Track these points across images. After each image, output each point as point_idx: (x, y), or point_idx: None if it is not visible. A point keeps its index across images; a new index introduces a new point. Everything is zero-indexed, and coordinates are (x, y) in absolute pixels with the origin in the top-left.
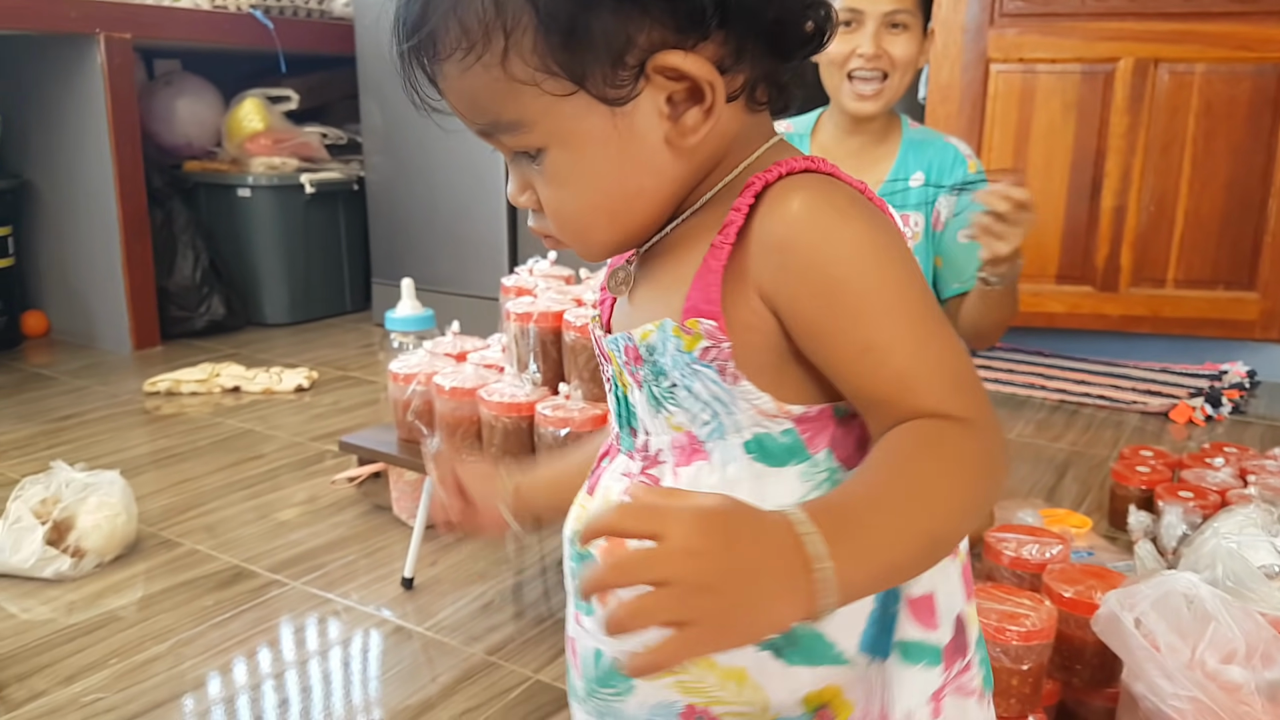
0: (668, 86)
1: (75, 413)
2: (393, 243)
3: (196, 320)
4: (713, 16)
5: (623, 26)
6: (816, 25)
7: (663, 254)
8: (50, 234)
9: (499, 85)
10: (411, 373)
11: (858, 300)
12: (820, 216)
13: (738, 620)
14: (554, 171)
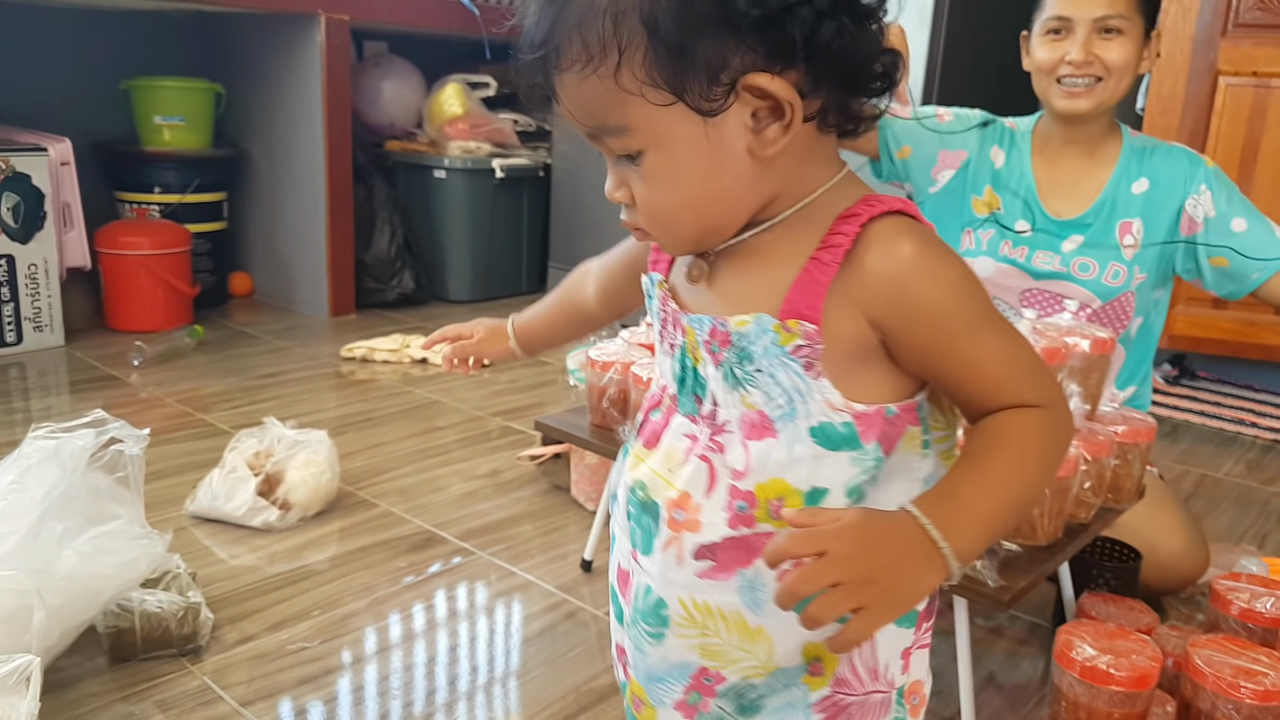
0: (754, 103)
1: (277, 371)
2: (572, 228)
3: (388, 292)
4: (800, 50)
5: (720, 50)
6: (885, 70)
7: (745, 256)
8: (261, 201)
9: (610, 94)
10: (609, 361)
11: (960, 326)
12: (928, 261)
13: (895, 597)
14: (650, 170)
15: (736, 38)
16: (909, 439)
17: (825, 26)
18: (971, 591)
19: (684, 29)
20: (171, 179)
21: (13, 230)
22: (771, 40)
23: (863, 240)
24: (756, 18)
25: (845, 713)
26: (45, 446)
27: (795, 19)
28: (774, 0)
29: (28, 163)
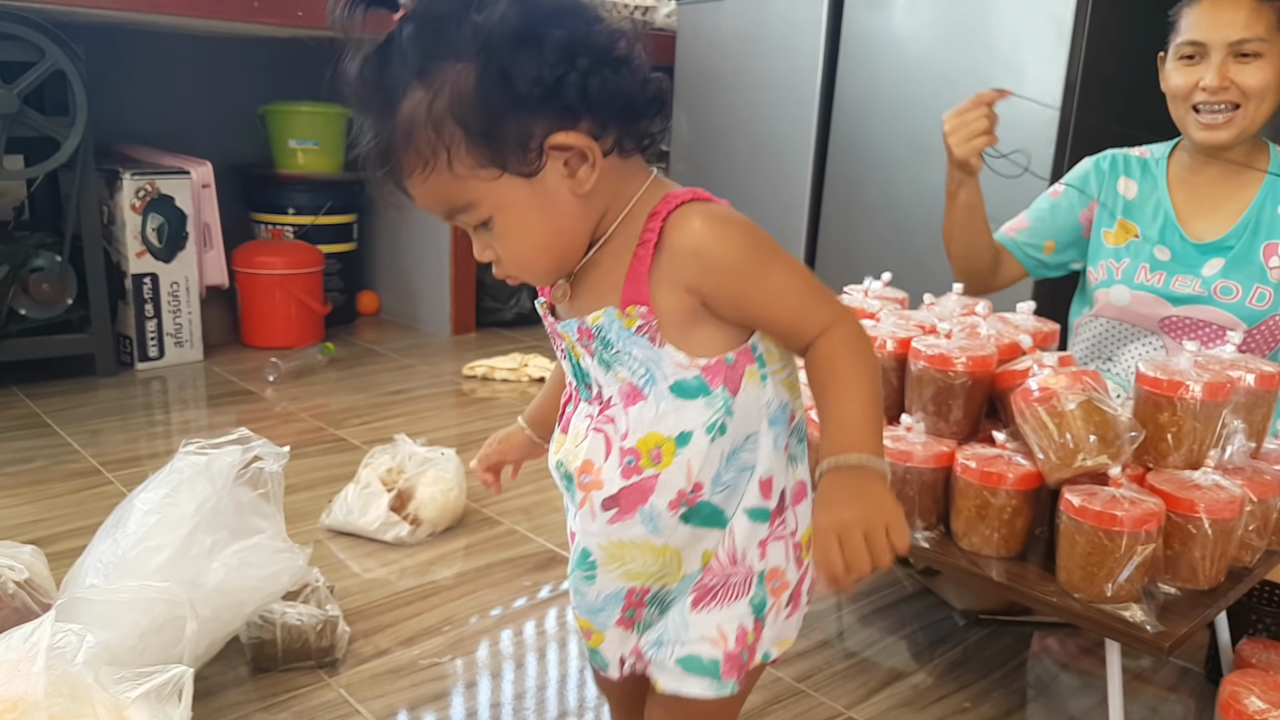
0: (562, 155)
1: (403, 388)
2: None
3: (506, 311)
4: (580, 106)
5: (523, 125)
6: (654, 93)
7: (591, 269)
8: (388, 223)
9: (450, 183)
10: None
11: (756, 270)
12: (715, 228)
13: (885, 509)
14: (501, 231)
15: (531, 112)
16: (750, 376)
17: (592, 82)
18: (1129, 637)
19: (490, 118)
20: (305, 201)
21: (157, 250)
22: (557, 106)
23: (665, 230)
24: (540, 94)
25: (712, 592)
26: (196, 462)
27: (568, 85)
28: (547, 76)
29: (171, 185)
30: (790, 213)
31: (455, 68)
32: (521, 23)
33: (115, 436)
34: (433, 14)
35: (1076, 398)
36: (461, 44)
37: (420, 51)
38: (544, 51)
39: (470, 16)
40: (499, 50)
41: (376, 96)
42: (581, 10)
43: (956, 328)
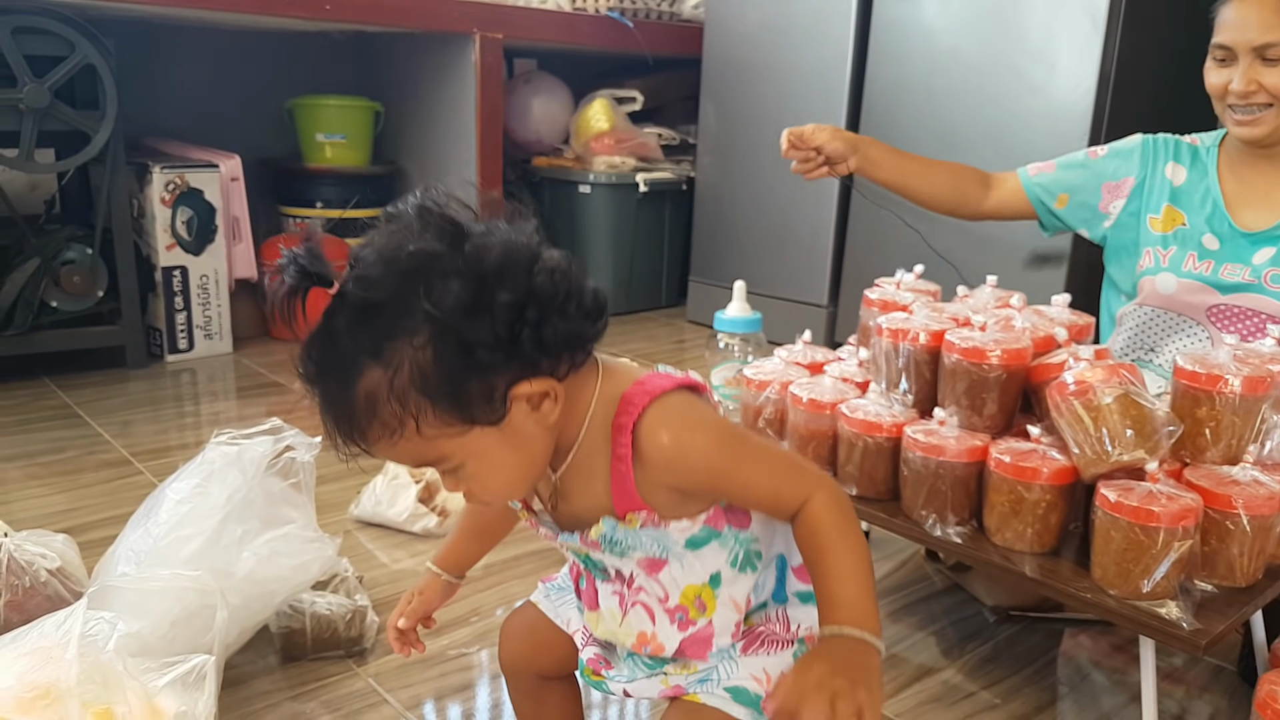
0: (526, 399)
1: None
2: (714, 242)
3: None
4: (538, 357)
5: (486, 383)
6: (595, 305)
7: (567, 479)
8: None
9: (419, 445)
10: (766, 380)
11: (726, 470)
12: (681, 439)
13: (871, 686)
14: (474, 474)
15: (493, 372)
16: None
17: (545, 332)
18: (1165, 634)
19: (453, 384)
20: (333, 195)
21: (186, 243)
22: (516, 360)
23: (636, 445)
24: (499, 355)
25: (760, 640)
26: (227, 452)
27: (524, 341)
28: (503, 336)
29: (200, 179)
30: (819, 205)
31: (411, 344)
32: (470, 295)
33: (146, 428)
34: (376, 300)
35: (1113, 391)
36: (413, 323)
37: (371, 334)
38: (496, 316)
39: (417, 301)
40: (453, 324)
41: (331, 376)
42: (521, 259)
43: (991, 320)
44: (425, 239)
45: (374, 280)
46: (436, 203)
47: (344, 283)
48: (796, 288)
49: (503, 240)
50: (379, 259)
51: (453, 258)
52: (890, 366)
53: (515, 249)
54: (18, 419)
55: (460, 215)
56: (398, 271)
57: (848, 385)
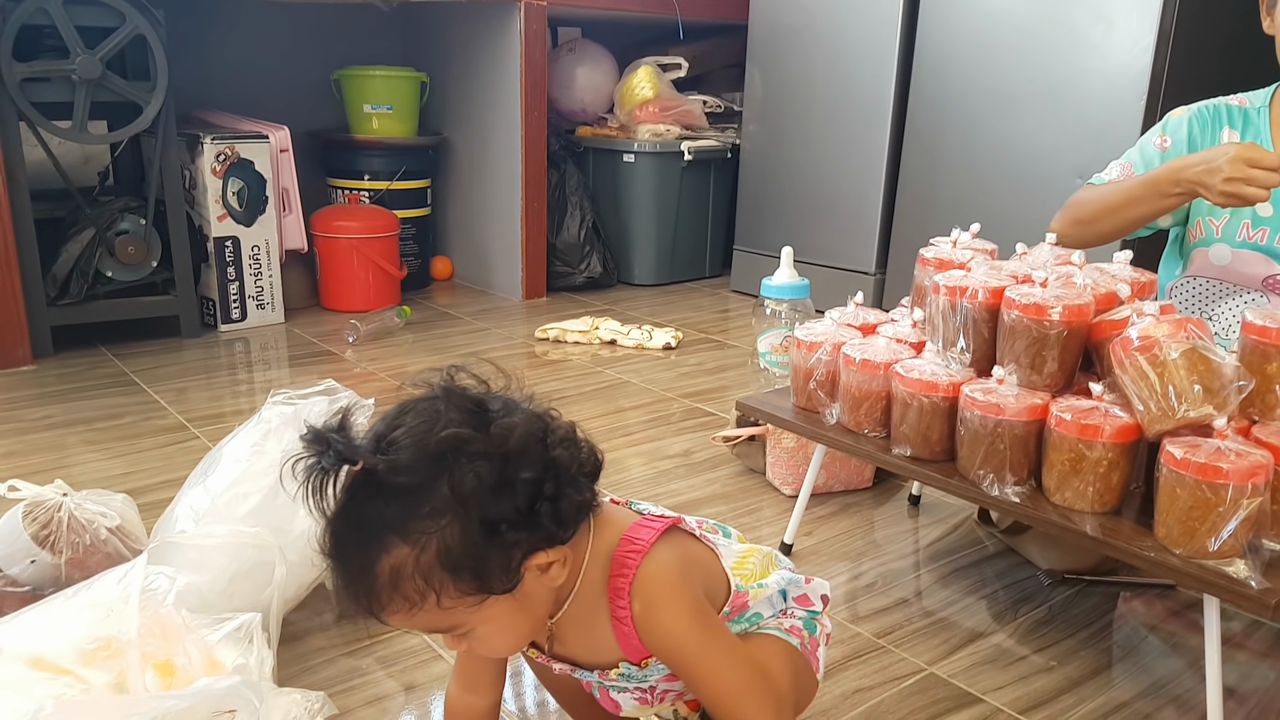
0: (538, 566)
1: (477, 350)
2: (760, 210)
3: (576, 276)
4: (555, 530)
5: (505, 557)
6: (594, 469)
7: (565, 627)
8: (460, 188)
9: (436, 615)
10: (817, 341)
11: (684, 656)
12: (651, 616)
13: None
14: (484, 637)
15: (513, 545)
16: (752, 595)
17: (562, 506)
18: (1231, 593)
19: (476, 560)
20: (380, 166)
21: (238, 214)
22: (535, 533)
23: (631, 606)
24: (520, 529)
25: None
26: (284, 412)
27: (542, 515)
28: (524, 511)
29: (250, 150)
30: (867, 171)
31: (438, 524)
32: (496, 476)
33: (201, 394)
34: (408, 484)
35: (1180, 346)
36: (441, 505)
37: (401, 514)
38: (519, 493)
39: (442, 486)
40: (478, 505)
41: (355, 553)
42: (539, 435)
43: (1051, 277)
44: (452, 423)
45: (405, 465)
46: (459, 384)
47: (373, 463)
48: (844, 255)
49: (522, 417)
50: (411, 442)
51: (479, 440)
52: (947, 325)
53: (532, 425)
54: (76, 386)
55: (482, 396)
56: (428, 455)
57: (902, 346)
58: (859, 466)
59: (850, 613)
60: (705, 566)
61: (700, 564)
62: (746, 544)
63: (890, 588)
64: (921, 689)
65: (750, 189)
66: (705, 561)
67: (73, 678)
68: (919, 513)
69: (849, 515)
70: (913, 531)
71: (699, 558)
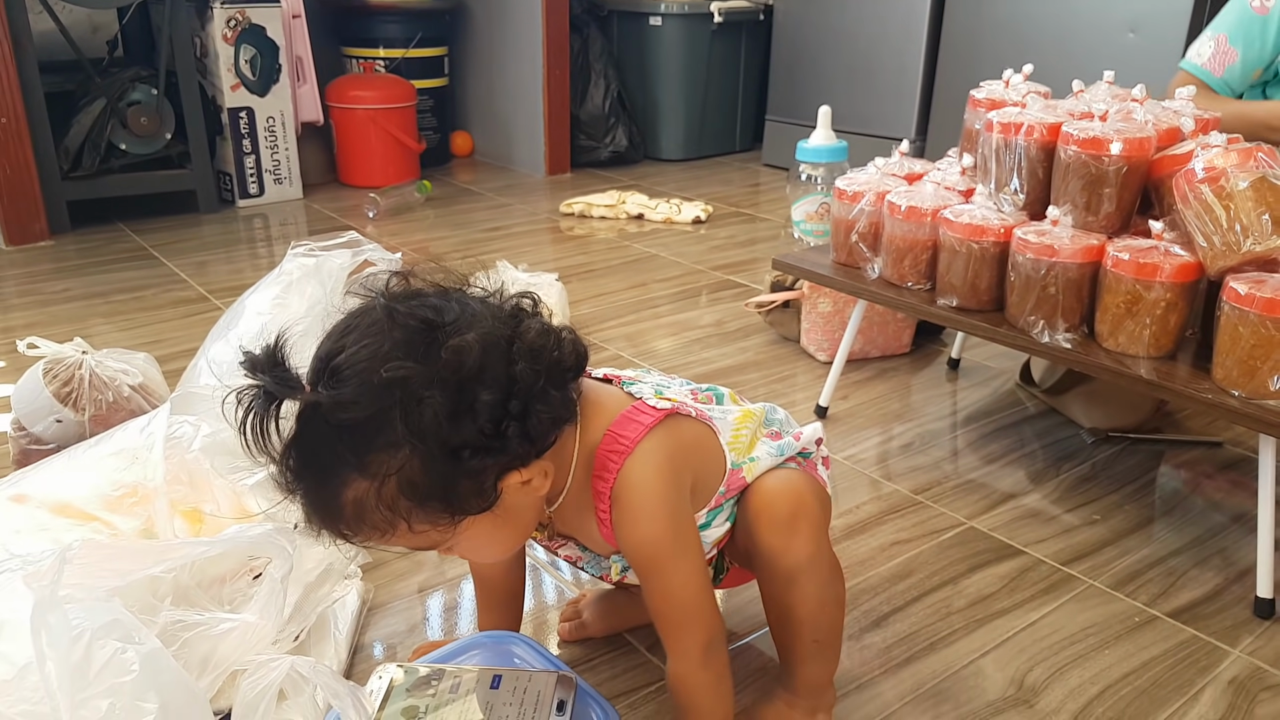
0: (517, 483)
1: (500, 226)
2: (793, 77)
3: (601, 151)
4: (526, 448)
5: (477, 481)
6: (576, 362)
7: (561, 516)
8: (480, 58)
9: (411, 538)
10: (860, 190)
11: (658, 564)
12: (633, 534)
13: None
14: (470, 550)
15: (482, 469)
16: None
17: (530, 423)
18: None
19: (442, 488)
20: (395, 33)
21: (251, 83)
22: (505, 455)
23: (612, 505)
24: (486, 453)
25: None
26: (305, 264)
27: (510, 436)
28: (489, 433)
29: (262, 14)
30: (908, 32)
31: (396, 456)
32: (452, 402)
33: (221, 268)
34: (355, 418)
35: (1249, 176)
36: (395, 438)
37: (352, 449)
38: (479, 416)
39: (396, 413)
40: (436, 435)
41: (314, 485)
42: (499, 349)
43: (1112, 109)
44: (399, 348)
45: (350, 399)
46: (402, 305)
47: (317, 395)
48: (882, 122)
49: (480, 333)
50: (354, 373)
51: (428, 369)
52: (1000, 166)
53: (492, 339)
54: (95, 260)
55: (432, 308)
56: (374, 387)
57: (950, 193)
58: (896, 331)
59: (885, 470)
60: (700, 450)
61: (695, 449)
62: (741, 407)
63: (928, 447)
64: (960, 541)
65: (784, 53)
66: (701, 443)
67: (99, 523)
68: (958, 376)
69: (885, 380)
70: (951, 395)
71: (694, 442)
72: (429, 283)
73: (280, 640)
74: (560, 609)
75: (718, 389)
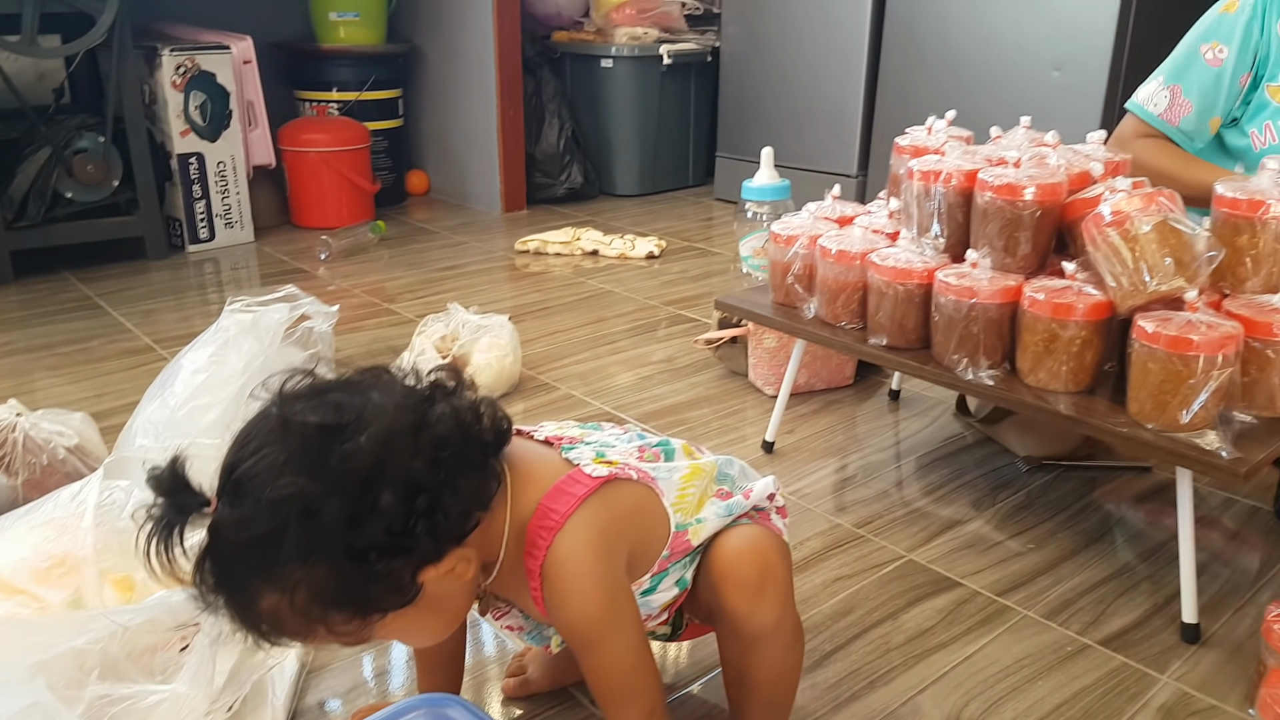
0: (437, 575)
1: (455, 264)
2: (741, 115)
3: (557, 187)
4: (439, 542)
5: (391, 581)
6: (497, 437)
7: (498, 587)
8: (434, 98)
9: (335, 638)
10: (794, 234)
11: (593, 640)
12: (564, 611)
13: None
14: (399, 636)
15: (394, 570)
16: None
17: (438, 518)
18: (1203, 464)
19: (356, 590)
20: (348, 76)
21: (201, 128)
22: (417, 552)
23: (543, 583)
24: (396, 553)
25: None
26: (242, 320)
27: (419, 535)
28: (397, 532)
29: (212, 61)
30: (847, 68)
31: (302, 567)
32: (351, 508)
33: (169, 316)
34: (255, 534)
35: (1151, 219)
36: (298, 549)
37: (259, 563)
38: (384, 518)
39: (294, 527)
40: (340, 542)
41: (229, 594)
42: (401, 445)
43: (1025, 157)
44: (294, 458)
45: (248, 516)
46: (299, 409)
47: (219, 514)
48: (826, 158)
49: (379, 430)
50: (250, 489)
51: (323, 477)
52: (922, 211)
53: (393, 434)
54: (38, 311)
55: (331, 407)
56: (269, 503)
57: (878, 236)
58: (840, 364)
59: (831, 505)
60: (640, 515)
61: (634, 515)
62: (689, 462)
63: (871, 479)
64: (901, 575)
65: (731, 93)
66: (642, 508)
67: (26, 596)
68: (899, 407)
69: (830, 412)
70: (893, 425)
71: (634, 508)
72: (339, 373)
73: (213, 711)
74: (504, 664)
75: (669, 443)
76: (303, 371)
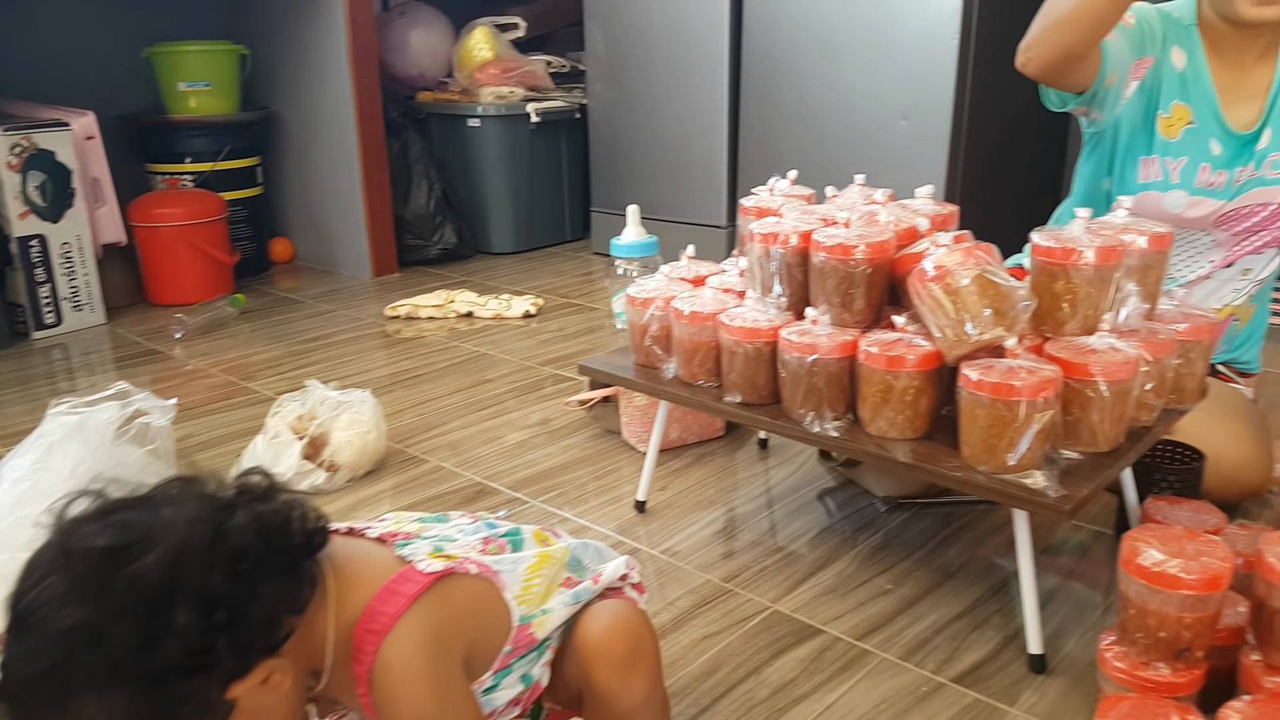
0: (250, 688)
1: (322, 335)
2: (613, 170)
3: (430, 249)
4: (245, 656)
5: (198, 703)
6: (307, 537)
7: (332, 691)
8: (295, 164)
9: None
10: (649, 297)
11: None
12: (393, 713)
13: None
14: None
15: (199, 691)
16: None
17: (240, 631)
18: (1033, 503)
19: (159, 714)
20: (202, 147)
21: (42, 209)
22: (221, 669)
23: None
24: (198, 674)
25: None
26: (67, 422)
27: (221, 651)
28: (197, 650)
29: (50, 139)
30: (710, 121)
31: (97, 695)
32: (142, 633)
33: (14, 409)
34: (40, 670)
35: (970, 273)
36: (90, 679)
37: (50, 697)
38: (182, 638)
39: (81, 658)
40: (135, 665)
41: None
42: (195, 560)
43: (855, 217)
44: (78, 586)
45: (32, 650)
46: (84, 533)
47: (6, 647)
48: (697, 210)
49: (169, 547)
50: (34, 622)
51: (111, 603)
52: (764, 272)
53: (185, 549)
54: None
55: (118, 527)
56: (52, 636)
57: (728, 295)
58: (710, 417)
59: (701, 560)
60: (478, 611)
61: (471, 612)
62: (538, 550)
63: (739, 531)
64: (766, 627)
65: (601, 148)
66: (480, 604)
67: None
68: (768, 455)
69: (702, 465)
70: (763, 474)
71: (470, 604)
72: (132, 489)
73: None
74: None
75: (519, 532)
76: (90, 492)
